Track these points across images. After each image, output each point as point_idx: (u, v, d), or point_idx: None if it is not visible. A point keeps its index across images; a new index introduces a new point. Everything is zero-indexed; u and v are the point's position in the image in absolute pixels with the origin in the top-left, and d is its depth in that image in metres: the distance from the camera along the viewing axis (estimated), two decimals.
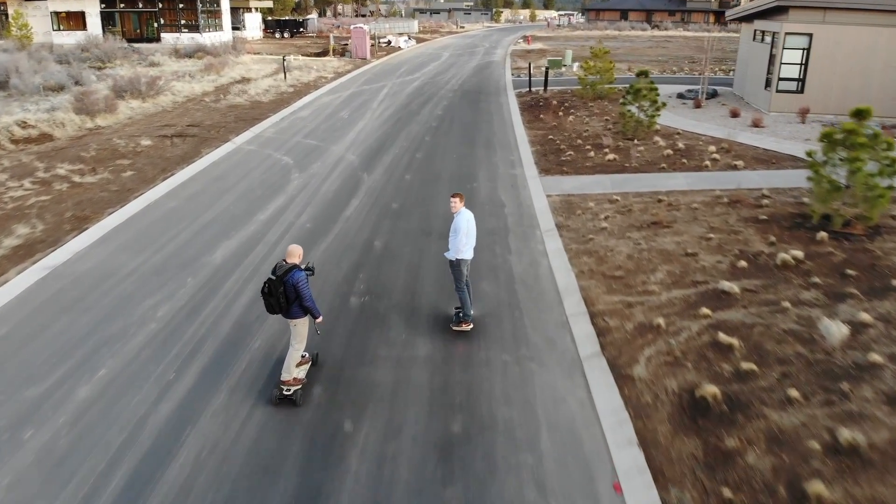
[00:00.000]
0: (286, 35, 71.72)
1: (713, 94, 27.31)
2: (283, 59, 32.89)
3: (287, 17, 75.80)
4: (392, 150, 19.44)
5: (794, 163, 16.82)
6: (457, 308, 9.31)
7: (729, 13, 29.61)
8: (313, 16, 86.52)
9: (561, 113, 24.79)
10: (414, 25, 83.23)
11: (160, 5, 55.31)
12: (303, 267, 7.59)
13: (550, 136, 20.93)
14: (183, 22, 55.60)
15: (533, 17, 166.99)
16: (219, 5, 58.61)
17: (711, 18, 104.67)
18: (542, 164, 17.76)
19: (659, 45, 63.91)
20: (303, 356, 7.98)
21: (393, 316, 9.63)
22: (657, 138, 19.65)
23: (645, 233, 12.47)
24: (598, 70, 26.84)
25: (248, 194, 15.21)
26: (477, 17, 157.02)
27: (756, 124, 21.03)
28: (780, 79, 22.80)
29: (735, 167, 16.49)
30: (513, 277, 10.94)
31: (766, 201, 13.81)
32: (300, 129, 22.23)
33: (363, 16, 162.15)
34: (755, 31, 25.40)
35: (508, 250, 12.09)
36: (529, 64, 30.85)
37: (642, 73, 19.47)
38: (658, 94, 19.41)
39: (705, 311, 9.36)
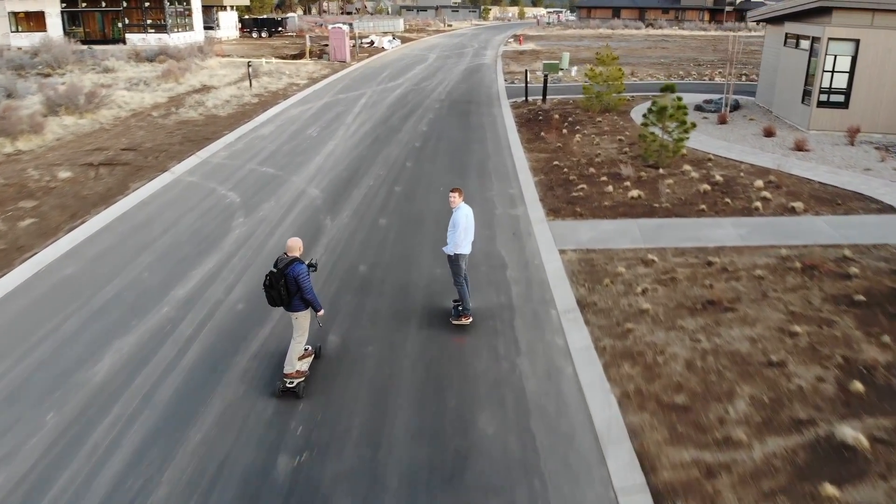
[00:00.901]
0: (264, 35, 67.90)
1: (735, 106, 24.01)
2: (249, 65, 29.30)
3: (265, 16, 71.95)
4: (365, 180, 16.00)
5: (863, 203, 13.53)
6: (455, 301, 9.26)
7: (752, 14, 26.33)
8: (294, 14, 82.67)
9: (565, 130, 21.38)
10: (399, 24, 79.68)
11: (125, 4, 51.41)
12: (306, 262, 7.60)
13: (556, 162, 17.53)
14: (149, 22, 51.76)
15: (521, 15, 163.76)
16: (189, 4, 54.76)
17: (706, 16, 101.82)
18: (548, 202, 14.37)
19: (657, 45, 60.73)
20: (305, 349, 7.99)
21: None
22: (686, 166, 16.30)
23: (702, 320, 9.10)
24: (607, 78, 23.47)
25: (172, 252, 11.70)
26: (465, 14, 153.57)
27: (799, 147, 17.73)
28: (822, 91, 19.51)
29: (793, 210, 13.16)
30: (524, 402, 7.54)
31: (852, 268, 10.46)
32: (257, 153, 18.70)
33: (349, 13, 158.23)
34: (787, 35, 22.10)
35: (516, 348, 8.68)
36: (526, 71, 27.45)
37: (668, 88, 16.11)
38: (687, 113, 16.06)
39: (828, 489, 6.00)
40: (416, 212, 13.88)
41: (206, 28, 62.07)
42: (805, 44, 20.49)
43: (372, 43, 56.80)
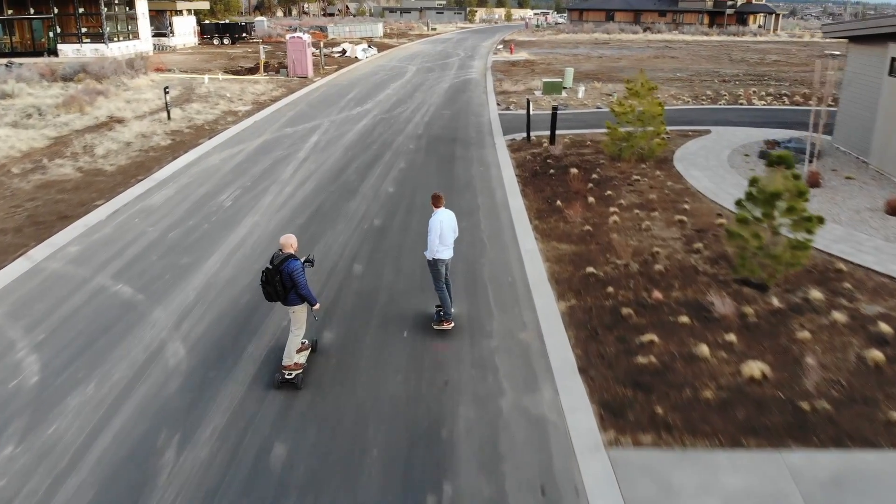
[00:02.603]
0: (226, 42, 61.12)
1: (812, 153, 17.65)
2: (166, 92, 22.55)
3: (227, 21, 65.07)
4: (280, 310, 9.46)
5: None
6: (437, 307, 9.13)
7: (829, 28, 20.07)
8: (262, 18, 75.82)
9: (591, 195, 14.91)
10: (378, 29, 73.04)
11: (55, 10, 44.42)
12: (302, 259, 7.86)
13: (589, 267, 11.07)
14: (85, 30, 44.82)
15: (508, 17, 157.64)
16: (133, 8, 47.84)
17: (706, 19, 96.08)
18: (596, 378, 7.94)
19: (663, 53, 54.55)
20: (303, 343, 8.14)
21: None
22: (815, 291, 9.88)
23: None
24: (641, 115, 17.04)
25: None
26: (450, 16, 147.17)
27: None
28: None
29: None
30: None
31: None
32: (125, 247, 12.11)
33: (331, 14, 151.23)
34: (894, 59, 15.77)
35: None
36: (528, 102, 20.92)
37: (781, 161, 9.68)
38: (808, 199, 9.65)
39: None
40: (355, 410, 7.39)
41: (158, 35, 55.27)
42: None
43: (344, 52, 50.19)
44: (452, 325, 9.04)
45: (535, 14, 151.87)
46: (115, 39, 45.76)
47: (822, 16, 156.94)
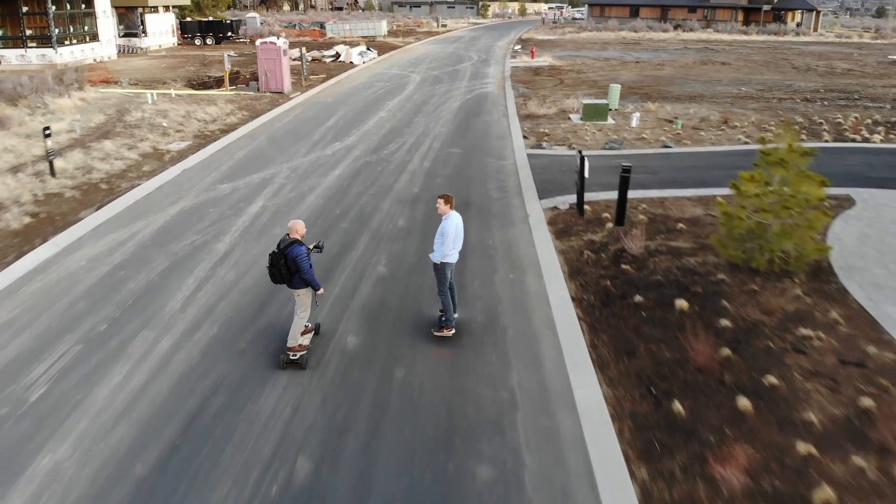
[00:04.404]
0: (209, 42, 54.23)
1: None
2: (46, 136, 15.36)
3: (211, 19, 58.09)
4: None
5: None
6: (441, 312, 8.93)
7: None
8: (255, 14, 68.78)
9: (738, 389, 7.68)
10: (382, 27, 65.81)
11: None
12: (312, 246, 8.25)
13: None
14: (30, 32, 38.00)
15: (522, 12, 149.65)
16: (91, 5, 40.96)
17: (740, 16, 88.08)
18: None
19: (708, 57, 47.03)
20: (307, 326, 8.29)
21: None
22: None
23: None
24: (792, 201, 9.80)
25: None
26: (461, 11, 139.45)
27: None
28: None
29: None
30: None
31: None
32: None
33: (339, 9, 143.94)
34: None
35: None
36: (582, 160, 13.19)
37: None
38: None
39: None
40: None
41: (128, 35, 48.46)
42: None
43: (337, 57, 43.10)
44: (454, 331, 8.79)
45: (550, 8, 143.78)
46: (68, 42, 38.90)
47: (838, 10, 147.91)
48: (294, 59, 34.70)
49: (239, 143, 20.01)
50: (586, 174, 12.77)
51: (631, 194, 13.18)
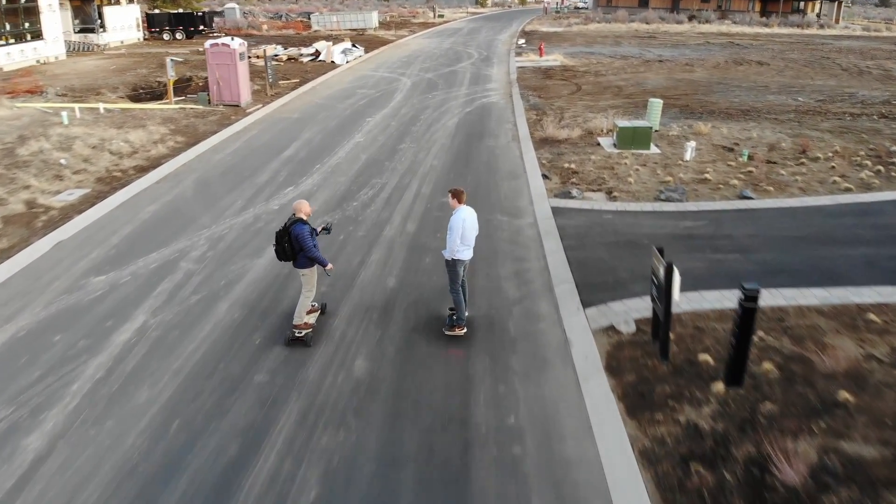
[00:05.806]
0: (178, 36, 48.65)
1: None
2: None
3: (181, 10, 52.37)
4: None
5: None
6: (451, 309, 8.71)
7: None
8: (234, 5, 62.99)
9: None
10: (372, 18, 60.13)
11: None
12: (320, 228, 8.45)
13: None
14: None
15: (523, 1, 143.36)
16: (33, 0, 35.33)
17: (756, 6, 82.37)
18: None
19: (741, 55, 41.55)
20: (312, 305, 8.42)
21: None
22: None
23: None
24: None
25: None
26: (459, 0, 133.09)
27: None
28: None
29: None
30: None
31: None
32: None
33: None
34: None
35: None
36: (669, 266, 7.89)
37: None
38: None
39: None
40: None
41: (84, 31, 42.87)
42: None
43: (316, 55, 37.59)
44: (465, 330, 8.57)
45: None
46: (4, 42, 33.35)
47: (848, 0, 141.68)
48: (258, 57, 29.23)
49: (156, 189, 14.67)
50: (675, 295, 7.45)
51: (721, 294, 7.81)
